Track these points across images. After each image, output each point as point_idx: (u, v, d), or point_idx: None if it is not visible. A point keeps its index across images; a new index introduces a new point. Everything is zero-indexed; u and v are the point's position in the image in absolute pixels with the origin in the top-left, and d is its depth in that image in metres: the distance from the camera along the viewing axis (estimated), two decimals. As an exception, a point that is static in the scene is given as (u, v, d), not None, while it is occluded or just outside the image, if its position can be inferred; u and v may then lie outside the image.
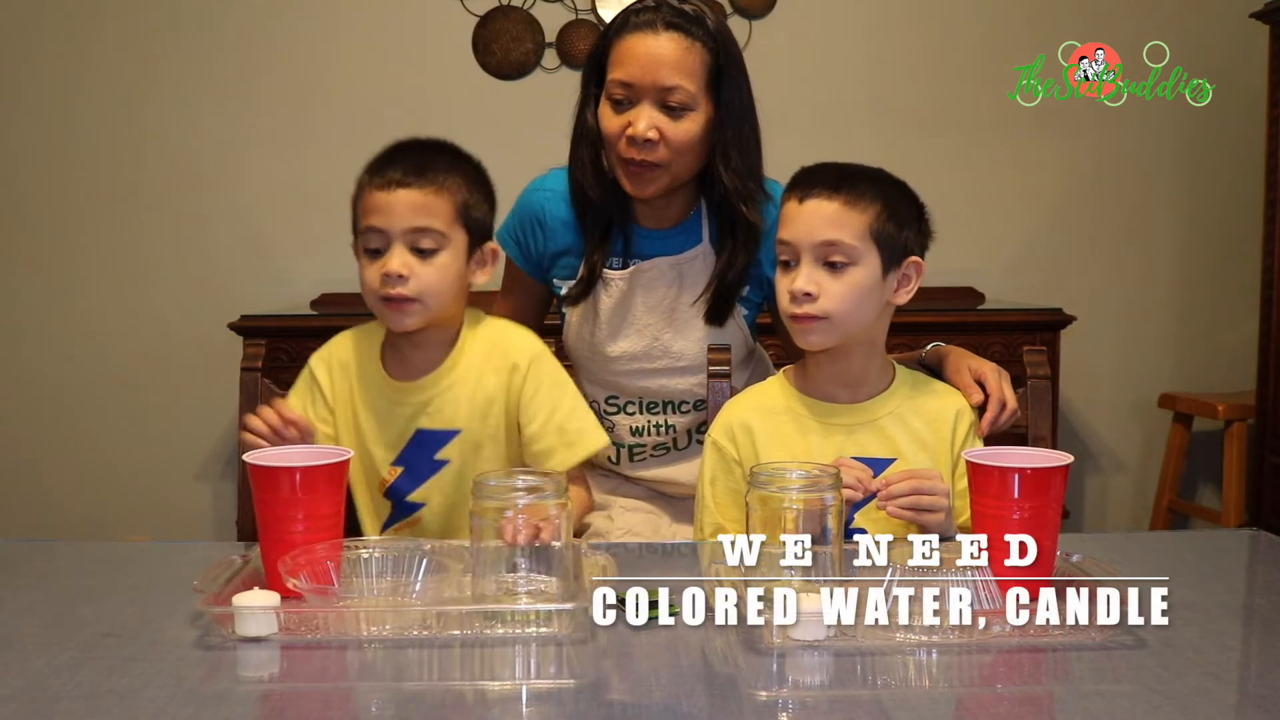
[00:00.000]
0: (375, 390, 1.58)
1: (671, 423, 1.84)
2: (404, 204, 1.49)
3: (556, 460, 1.57)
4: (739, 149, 1.72)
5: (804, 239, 1.46)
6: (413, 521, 1.59)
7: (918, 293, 1.52)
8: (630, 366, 1.80)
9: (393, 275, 1.48)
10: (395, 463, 1.57)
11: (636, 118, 1.66)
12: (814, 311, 1.45)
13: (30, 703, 0.97)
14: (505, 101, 3.48)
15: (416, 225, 1.49)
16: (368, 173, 1.54)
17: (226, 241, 3.50)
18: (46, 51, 3.45)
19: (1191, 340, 3.69)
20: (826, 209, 1.45)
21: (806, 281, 1.45)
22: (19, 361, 3.52)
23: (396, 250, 1.49)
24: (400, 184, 1.49)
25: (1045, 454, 1.26)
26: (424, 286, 1.50)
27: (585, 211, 1.78)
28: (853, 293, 1.45)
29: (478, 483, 1.18)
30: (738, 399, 1.61)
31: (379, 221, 1.50)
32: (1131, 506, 3.70)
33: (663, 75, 1.65)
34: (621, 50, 1.67)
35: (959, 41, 3.53)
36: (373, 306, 1.54)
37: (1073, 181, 3.61)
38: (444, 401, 1.56)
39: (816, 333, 1.47)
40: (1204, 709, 0.97)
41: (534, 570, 1.18)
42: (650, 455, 1.87)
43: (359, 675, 1.06)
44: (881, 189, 1.48)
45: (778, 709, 1.00)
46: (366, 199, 1.52)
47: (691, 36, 1.66)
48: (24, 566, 1.38)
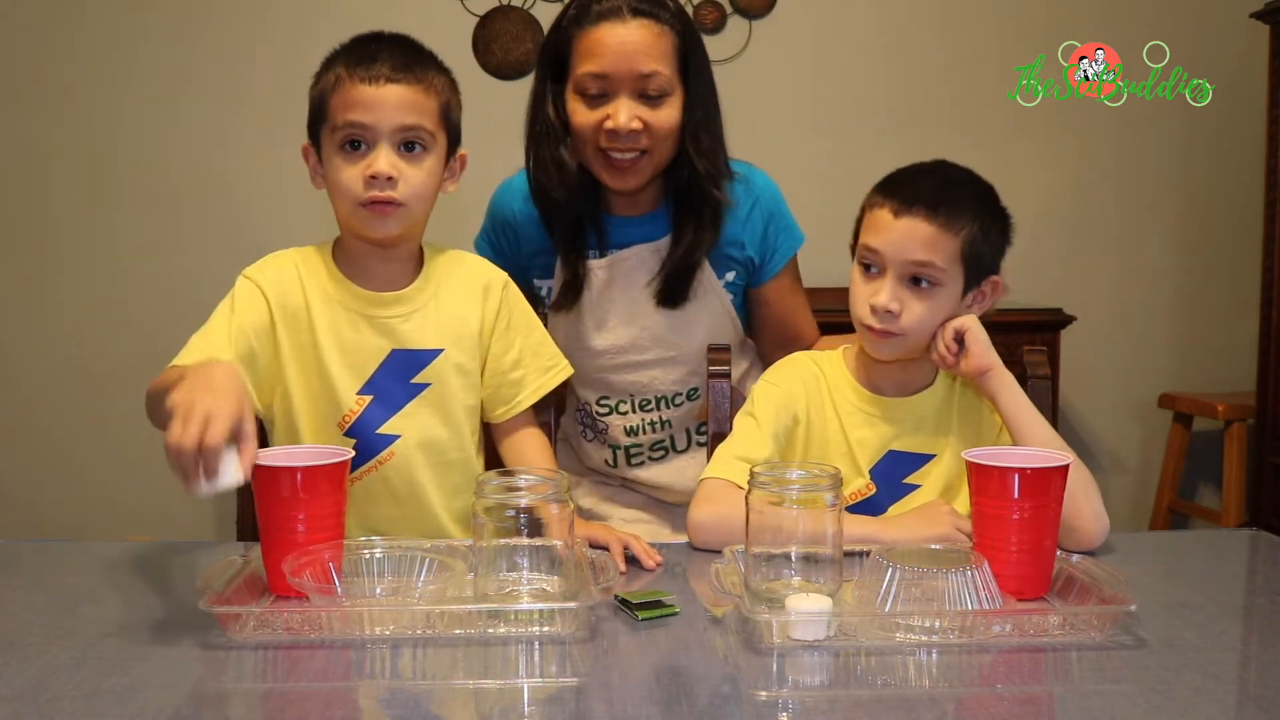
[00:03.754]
0: (340, 307, 1.46)
1: (666, 418, 1.83)
2: (394, 100, 1.39)
3: (530, 389, 1.54)
4: (708, 130, 1.69)
5: (894, 254, 1.43)
6: (382, 460, 1.47)
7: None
8: (618, 360, 1.78)
9: (381, 177, 1.38)
10: (363, 390, 1.46)
11: (616, 110, 1.62)
12: (894, 329, 1.44)
13: (30, 703, 0.97)
14: (505, 101, 3.45)
15: (406, 123, 1.40)
16: (346, 65, 1.41)
17: (227, 241, 3.49)
18: (47, 51, 3.45)
19: (1191, 340, 3.69)
20: (922, 230, 1.42)
21: (890, 299, 1.43)
22: (19, 361, 3.52)
23: (384, 150, 1.39)
24: (390, 79, 1.39)
25: (1045, 454, 1.27)
26: (411, 190, 1.41)
27: (550, 212, 1.74)
28: (934, 314, 1.44)
29: (481, 481, 1.18)
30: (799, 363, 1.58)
31: (364, 117, 1.38)
32: (1131, 506, 3.70)
33: (639, 63, 1.61)
34: (589, 41, 1.63)
35: (959, 41, 3.53)
36: (348, 212, 1.43)
37: (1072, 181, 3.61)
38: (424, 317, 1.48)
39: (890, 346, 1.47)
40: (1204, 709, 0.97)
41: (536, 570, 1.18)
42: (648, 457, 1.86)
43: (360, 675, 1.06)
44: (977, 208, 1.46)
45: (778, 709, 1.00)
46: (346, 92, 1.39)
47: (660, 20, 1.63)
48: (24, 566, 1.38)
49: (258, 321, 1.45)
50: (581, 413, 1.87)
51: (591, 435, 1.87)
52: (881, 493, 1.50)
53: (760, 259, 1.80)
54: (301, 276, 1.48)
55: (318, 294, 1.47)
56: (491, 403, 1.56)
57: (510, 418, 1.57)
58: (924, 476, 1.50)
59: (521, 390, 1.55)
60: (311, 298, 1.47)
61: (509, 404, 1.56)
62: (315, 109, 1.45)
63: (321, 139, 1.45)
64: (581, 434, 1.89)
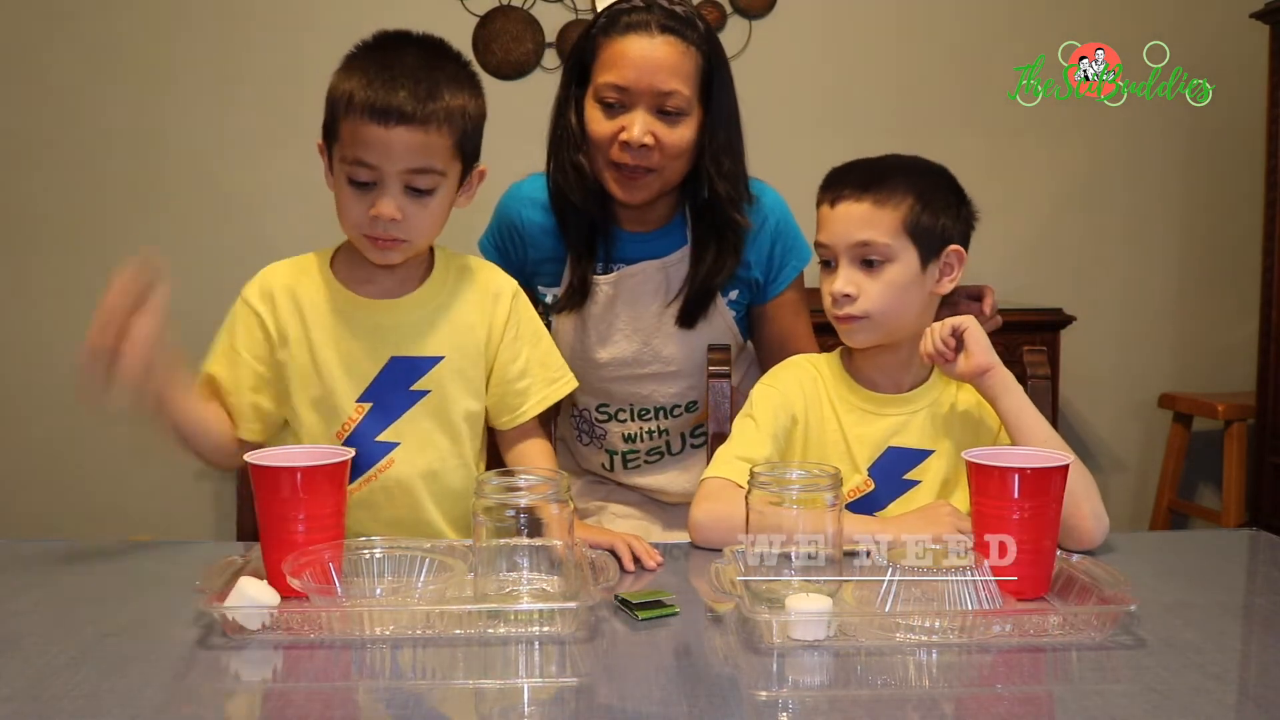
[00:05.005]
0: (339, 316, 1.45)
1: (664, 427, 1.83)
2: (402, 145, 1.35)
3: (535, 399, 1.53)
4: (729, 154, 1.69)
5: (839, 241, 1.47)
6: (381, 469, 1.47)
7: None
8: (620, 373, 1.78)
9: (383, 218, 1.37)
10: (362, 398, 1.46)
11: (631, 122, 1.62)
12: (854, 312, 1.47)
13: (30, 703, 0.97)
14: (505, 101, 3.46)
15: (415, 167, 1.37)
16: (362, 85, 1.35)
17: (226, 241, 3.49)
18: (36, 48, 3.45)
19: (1191, 340, 3.69)
20: (856, 211, 1.46)
21: (845, 283, 1.47)
22: (19, 362, 3.52)
23: (390, 192, 1.37)
24: (401, 118, 1.34)
25: (1045, 454, 1.27)
26: (416, 229, 1.40)
27: (566, 217, 1.73)
28: (890, 290, 1.46)
29: (479, 482, 1.18)
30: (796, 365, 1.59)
31: (372, 159, 1.35)
32: (1131, 506, 3.70)
33: (659, 79, 1.61)
34: (613, 52, 1.63)
35: (959, 42, 3.53)
36: (352, 238, 1.43)
37: (1072, 181, 3.61)
38: (426, 324, 1.47)
39: (860, 331, 1.49)
40: (1204, 709, 0.97)
41: (536, 570, 1.18)
42: (644, 461, 1.86)
43: (360, 675, 1.06)
44: (913, 181, 1.49)
45: (778, 709, 1.00)
46: (357, 126, 1.35)
47: (686, 40, 1.63)
48: (24, 566, 1.38)
49: (258, 345, 1.48)
50: (579, 418, 1.87)
51: (589, 440, 1.87)
52: (881, 489, 1.50)
53: (765, 278, 1.80)
54: (298, 289, 1.48)
55: (316, 304, 1.47)
56: (496, 411, 1.55)
57: (515, 426, 1.56)
58: (923, 472, 1.50)
59: (527, 400, 1.54)
60: (309, 309, 1.47)
61: (514, 413, 1.55)
62: (328, 116, 1.41)
63: (333, 150, 1.42)
64: (578, 438, 1.89)
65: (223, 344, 1.49)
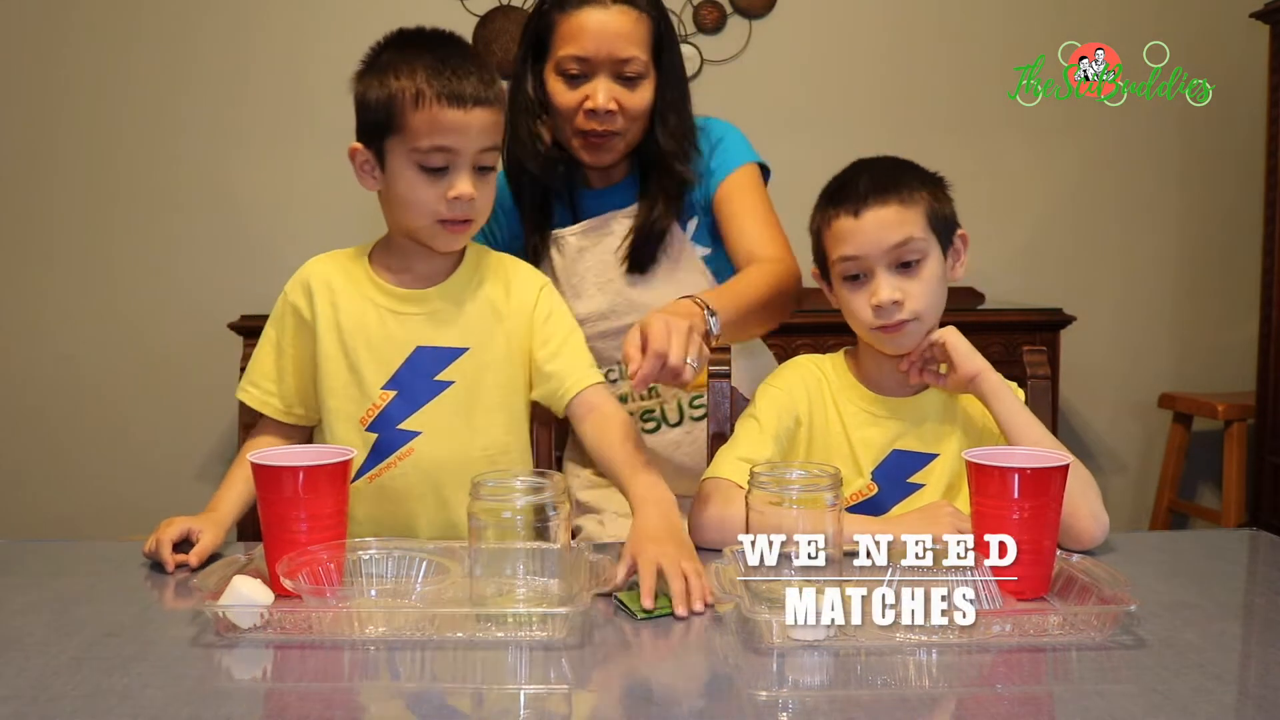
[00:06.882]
0: (369, 304, 1.50)
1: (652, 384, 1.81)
2: (479, 124, 1.42)
3: (573, 380, 1.51)
4: (676, 111, 1.77)
5: (873, 248, 1.45)
6: (401, 456, 1.49)
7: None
8: (600, 327, 1.79)
9: (464, 199, 1.42)
10: (388, 385, 1.49)
11: (594, 90, 1.71)
12: (905, 316, 1.45)
13: (30, 703, 0.97)
14: (505, 101, 3.48)
15: (487, 145, 1.44)
16: (429, 79, 1.41)
17: (227, 241, 3.50)
18: (46, 53, 3.45)
19: (1191, 340, 3.70)
20: (886, 214, 1.45)
21: (890, 290, 1.44)
22: (19, 362, 3.52)
23: (466, 172, 1.42)
24: (476, 101, 1.41)
25: (1045, 454, 1.27)
26: (482, 207, 1.47)
27: (520, 186, 1.81)
28: (931, 286, 1.47)
29: (476, 483, 1.18)
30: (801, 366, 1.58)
31: (453, 142, 1.41)
32: (1131, 506, 3.70)
33: (618, 47, 1.70)
34: (571, 25, 1.71)
35: (959, 41, 3.53)
36: (420, 227, 1.46)
37: (1072, 181, 3.61)
38: (451, 315, 1.50)
39: (911, 335, 1.48)
40: (1204, 709, 0.97)
41: (533, 572, 1.18)
42: (641, 428, 1.84)
43: (358, 676, 1.06)
44: (918, 175, 1.50)
45: (778, 709, 1.00)
46: (434, 113, 1.39)
47: (637, 7, 1.72)
48: (24, 566, 1.38)
49: (291, 333, 1.53)
50: None
51: None
52: (885, 492, 1.50)
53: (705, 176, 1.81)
54: (333, 278, 1.52)
55: (348, 292, 1.51)
56: (546, 400, 1.55)
57: (568, 406, 1.53)
58: (928, 475, 1.50)
59: (565, 381, 1.52)
60: (341, 296, 1.51)
61: (558, 395, 1.53)
62: (384, 116, 1.43)
63: (388, 147, 1.44)
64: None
65: (268, 336, 1.55)
